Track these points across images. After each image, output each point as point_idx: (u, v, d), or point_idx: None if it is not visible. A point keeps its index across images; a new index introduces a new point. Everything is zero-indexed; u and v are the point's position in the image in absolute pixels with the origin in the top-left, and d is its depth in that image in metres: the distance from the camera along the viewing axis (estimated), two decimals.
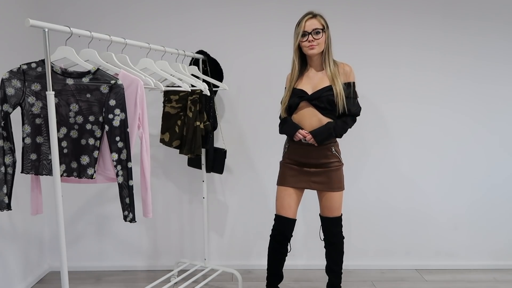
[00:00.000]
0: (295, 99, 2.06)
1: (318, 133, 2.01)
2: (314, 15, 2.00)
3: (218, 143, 2.64)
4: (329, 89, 2.00)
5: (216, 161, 2.49)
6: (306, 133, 2.03)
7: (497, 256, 2.87)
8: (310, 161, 2.09)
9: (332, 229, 2.17)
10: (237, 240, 2.89)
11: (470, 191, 2.83)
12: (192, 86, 2.16)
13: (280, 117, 2.18)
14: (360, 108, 2.10)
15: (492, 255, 2.87)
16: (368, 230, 2.86)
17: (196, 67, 2.38)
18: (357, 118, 2.12)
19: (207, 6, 2.66)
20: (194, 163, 2.56)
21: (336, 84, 1.99)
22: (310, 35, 1.97)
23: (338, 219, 2.17)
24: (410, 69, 2.71)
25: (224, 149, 2.49)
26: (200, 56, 2.43)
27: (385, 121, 2.77)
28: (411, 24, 2.67)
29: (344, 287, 2.31)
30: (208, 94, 2.20)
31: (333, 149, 2.09)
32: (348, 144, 2.77)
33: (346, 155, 2.77)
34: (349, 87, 2.04)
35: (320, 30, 1.97)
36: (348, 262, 2.83)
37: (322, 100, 2.00)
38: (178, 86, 2.02)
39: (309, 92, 2.04)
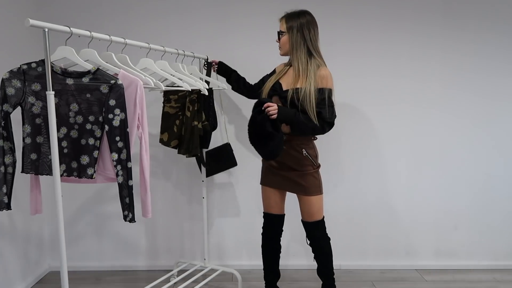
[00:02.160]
0: (269, 92, 2.05)
1: (283, 112, 1.91)
2: (283, 16, 2.02)
3: (219, 141, 2.64)
4: (298, 90, 1.94)
5: (225, 158, 2.51)
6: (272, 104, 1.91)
7: (497, 256, 2.87)
8: (284, 161, 2.05)
9: (313, 233, 2.14)
10: (237, 240, 2.89)
11: (470, 191, 2.83)
12: (192, 85, 2.16)
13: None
14: (334, 116, 1.96)
15: (492, 255, 2.87)
16: (368, 230, 2.86)
17: (196, 67, 2.38)
18: (330, 128, 1.99)
19: (207, 5, 2.66)
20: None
21: (301, 86, 1.93)
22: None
23: (318, 223, 2.12)
24: (410, 71, 2.71)
25: (226, 142, 2.52)
26: (201, 56, 2.43)
27: (385, 122, 2.76)
28: (411, 30, 2.68)
29: (344, 287, 2.30)
30: (206, 93, 2.20)
31: (305, 152, 2.02)
32: (348, 145, 2.78)
33: (346, 156, 2.79)
34: (322, 94, 1.93)
35: (280, 33, 2.01)
36: (348, 262, 2.83)
37: (292, 100, 1.95)
38: (178, 86, 2.02)
39: (284, 88, 2.03)
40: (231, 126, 2.78)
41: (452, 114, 2.76)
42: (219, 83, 2.42)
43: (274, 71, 2.19)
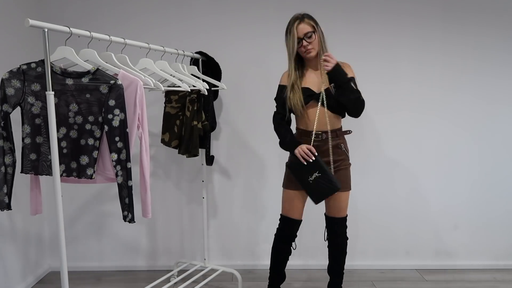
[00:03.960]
0: (306, 97, 2.00)
1: (338, 70, 1.93)
2: (301, 19, 1.95)
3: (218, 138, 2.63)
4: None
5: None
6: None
7: (497, 256, 2.87)
8: (324, 157, 2.03)
9: (336, 230, 2.15)
10: (237, 240, 2.89)
11: (470, 191, 2.82)
12: (193, 86, 2.16)
13: (275, 114, 2.13)
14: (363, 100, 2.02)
15: (492, 255, 2.87)
16: (368, 230, 2.86)
17: (196, 67, 2.38)
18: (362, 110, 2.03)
19: (207, 5, 2.66)
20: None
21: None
22: (303, 41, 1.94)
23: (344, 220, 2.15)
24: (411, 71, 2.72)
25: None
26: (200, 56, 2.43)
27: (385, 123, 2.76)
28: (411, 29, 2.68)
29: (344, 287, 2.31)
30: (206, 93, 2.20)
31: (343, 147, 2.06)
32: (349, 146, 2.77)
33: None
34: (354, 83, 2.01)
35: (311, 33, 1.94)
36: (348, 262, 2.80)
37: (334, 98, 1.97)
38: (178, 86, 2.02)
39: (317, 90, 2.01)
40: (232, 126, 2.78)
41: (452, 114, 2.76)
42: (218, 83, 2.42)
43: (284, 86, 2.08)
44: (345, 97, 1.96)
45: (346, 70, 1.99)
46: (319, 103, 2.00)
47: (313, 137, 2.02)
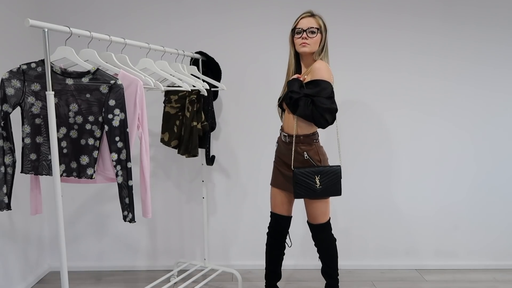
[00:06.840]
0: (279, 104, 2.11)
1: (290, 84, 1.96)
2: (312, 15, 1.97)
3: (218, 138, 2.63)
4: None
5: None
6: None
7: (497, 256, 2.87)
8: (289, 162, 2.03)
9: (317, 235, 2.13)
10: (237, 240, 2.89)
11: (470, 191, 2.82)
12: (193, 86, 2.16)
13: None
14: (332, 109, 1.86)
15: (492, 255, 2.87)
16: (368, 230, 2.86)
17: (196, 67, 2.38)
18: (331, 119, 1.88)
19: (207, 6, 2.66)
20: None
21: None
22: (304, 33, 1.92)
23: (322, 226, 2.10)
24: (410, 73, 2.72)
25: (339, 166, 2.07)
26: (200, 57, 2.43)
27: (386, 122, 2.76)
28: (411, 29, 2.68)
29: (344, 287, 2.30)
30: (206, 94, 2.20)
31: (306, 155, 1.98)
32: (349, 145, 2.77)
33: (347, 156, 2.78)
34: (316, 86, 1.87)
35: (316, 30, 1.92)
36: (348, 262, 2.83)
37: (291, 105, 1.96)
38: (178, 86, 2.02)
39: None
40: (232, 126, 2.78)
41: (452, 114, 2.76)
42: (218, 83, 2.42)
43: None
44: (296, 112, 1.92)
45: (317, 73, 1.88)
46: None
47: (283, 138, 2.07)
